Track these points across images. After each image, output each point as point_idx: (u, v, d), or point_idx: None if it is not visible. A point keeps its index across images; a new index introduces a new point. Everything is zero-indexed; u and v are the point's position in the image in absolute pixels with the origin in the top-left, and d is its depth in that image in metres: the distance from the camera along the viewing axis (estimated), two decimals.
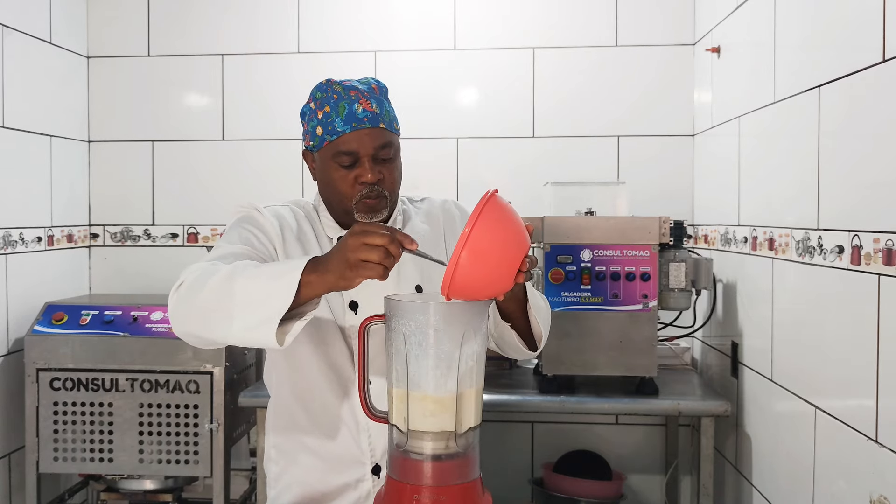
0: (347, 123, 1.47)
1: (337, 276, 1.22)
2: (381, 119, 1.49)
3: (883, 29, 1.49)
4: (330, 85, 1.52)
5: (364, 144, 1.47)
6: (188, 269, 1.37)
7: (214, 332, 1.30)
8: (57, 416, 2.48)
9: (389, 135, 1.51)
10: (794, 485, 1.91)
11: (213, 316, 1.28)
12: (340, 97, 1.49)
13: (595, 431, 2.93)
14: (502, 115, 2.96)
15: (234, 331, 1.26)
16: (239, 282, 1.27)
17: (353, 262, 1.20)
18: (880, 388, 1.50)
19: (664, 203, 2.81)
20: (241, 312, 1.25)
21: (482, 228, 1.17)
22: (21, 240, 2.65)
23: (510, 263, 1.21)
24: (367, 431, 1.53)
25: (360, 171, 1.48)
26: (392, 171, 1.52)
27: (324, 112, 1.49)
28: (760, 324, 2.17)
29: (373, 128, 1.48)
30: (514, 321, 1.48)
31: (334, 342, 1.54)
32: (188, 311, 1.32)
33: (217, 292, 1.27)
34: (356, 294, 1.53)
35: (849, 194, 1.65)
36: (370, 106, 1.48)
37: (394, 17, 2.98)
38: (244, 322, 1.25)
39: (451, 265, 1.17)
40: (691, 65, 2.89)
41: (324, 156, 1.51)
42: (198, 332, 1.34)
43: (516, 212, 1.25)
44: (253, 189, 2.98)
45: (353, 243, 1.20)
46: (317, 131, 1.50)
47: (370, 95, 1.50)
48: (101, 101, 3.07)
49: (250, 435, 2.79)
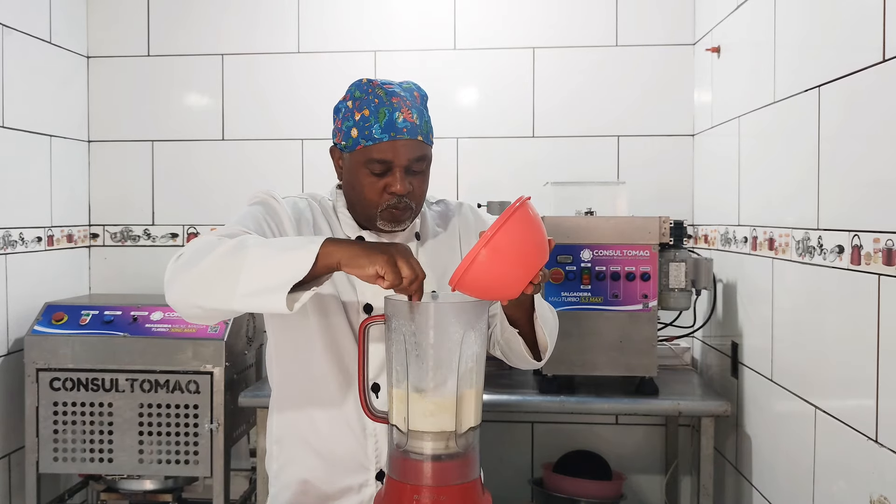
0: (386, 132, 1.43)
1: (352, 255, 1.21)
2: (419, 131, 1.46)
3: (883, 29, 1.49)
4: (371, 87, 1.47)
5: (399, 155, 1.44)
6: (191, 242, 1.34)
7: (213, 296, 1.26)
8: (57, 416, 2.48)
9: (425, 147, 1.48)
10: (794, 485, 1.91)
11: (218, 280, 1.25)
12: (382, 102, 1.45)
13: (595, 431, 2.93)
14: (502, 115, 2.96)
15: (239, 294, 1.23)
16: (251, 249, 1.24)
17: (376, 261, 1.19)
18: (880, 388, 1.50)
19: (664, 203, 2.81)
20: (250, 277, 1.22)
21: (509, 230, 1.17)
22: (21, 240, 2.65)
23: (525, 272, 1.22)
24: (374, 437, 1.52)
25: (390, 180, 1.45)
26: (422, 183, 1.50)
27: (362, 115, 1.45)
28: (760, 324, 2.17)
29: (411, 139, 1.45)
30: (519, 328, 1.47)
31: (347, 345, 1.52)
32: (187, 277, 1.28)
33: (224, 258, 1.25)
34: (372, 297, 1.52)
35: (849, 194, 1.65)
36: (411, 116, 1.45)
37: (394, 17, 2.98)
38: (251, 286, 1.22)
39: (470, 257, 1.17)
40: (691, 65, 2.89)
41: (355, 159, 1.47)
42: (194, 300, 1.29)
43: (542, 223, 1.25)
44: (253, 189, 2.96)
45: (389, 255, 1.20)
46: (351, 132, 1.47)
47: (412, 105, 1.46)
48: (101, 101, 3.08)
49: (250, 435, 2.79)
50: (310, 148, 2.99)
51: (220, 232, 1.39)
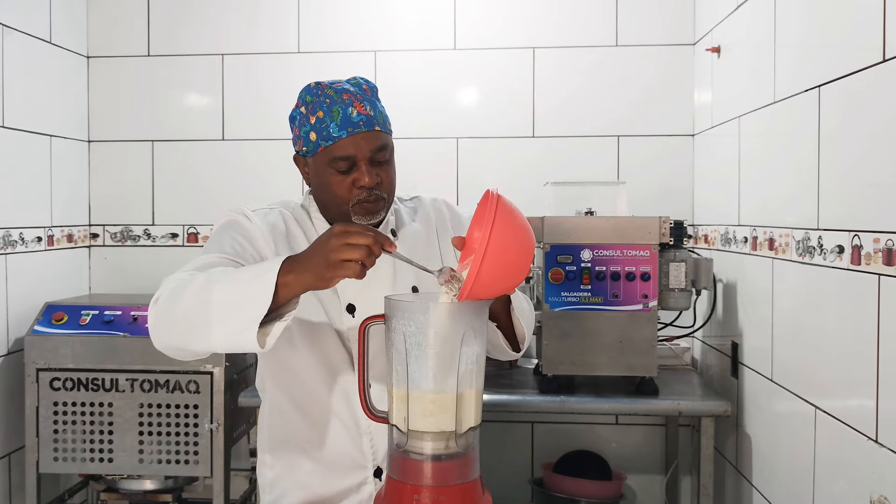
0: (343, 129, 1.45)
1: (315, 277, 1.21)
2: (375, 121, 1.48)
3: (883, 29, 1.49)
4: (320, 88, 1.49)
5: (361, 148, 1.46)
6: (165, 282, 1.35)
7: (196, 342, 1.28)
8: (57, 416, 2.48)
9: (385, 136, 1.50)
10: (794, 485, 1.91)
11: (192, 326, 1.27)
12: (333, 101, 1.46)
13: (595, 431, 2.93)
14: (502, 115, 2.96)
15: (214, 339, 1.25)
16: (215, 289, 1.25)
17: (334, 262, 1.19)
18: (880, 388, 1.50)
19: (664, 203, 2.81)
20: (220, 319, 1.23)
21: (499, 233, 1.16)
22: (21, 240, 2.65)
23: (525, 260, 1.22)
24: (368, 434, 1.52)
25: (357, 175, 1.47)
26: (388, 172, 1.51)
27: (317, 117, 1.47)
28: (760, 324, 2.17)
29: (368, 131, 1.46)
30: (498, 321, 1.47)
31: (332, 346, 1.52)
32: (167, 324, 1.31)
33: (193, 302, 1.26)
34: (354, 297, 1.52)
35: (849, 194, 1.64)
36: (364, 109, 1.46)
37: (394, 17, 2.98)
38: (224, 329, 1.23)
39: (472, 273, 1.15)
40: (691, 65, 2.89)
41: (319, 161, 1.49)
42: (179, 345, 1.32)
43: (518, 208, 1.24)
44: (253, 189, 2.98)
45: (335, 243, 1.19)
46: (310, 137, 1.48)
47: (363, 98, 1.48)
48: (101, 101, 3.07)
49: (250, 435, 2.79)
50: None
51: (191, 265, 1.40)
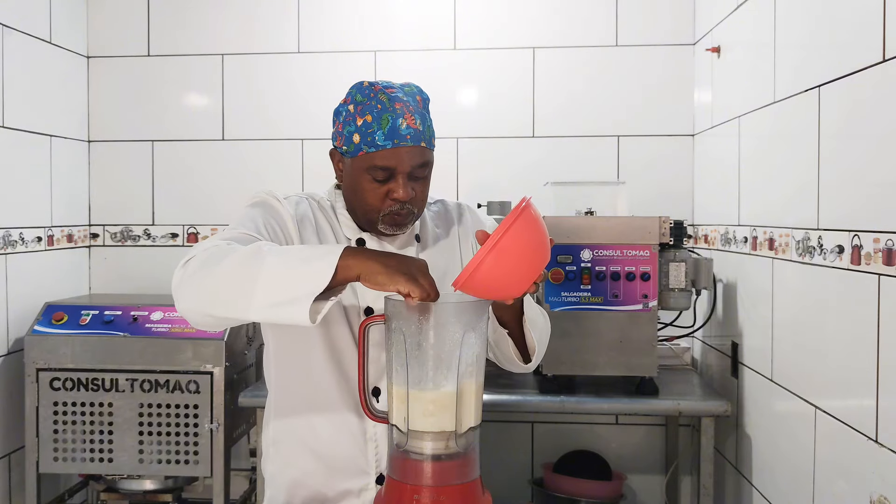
0: (389, 139, 1.41)
1: (383, 266, 1.20)
2: (422, 137, 1.44)
3: (883, 29, 1.49)
4: (374, 91, 1.45)
5: (402, 162, 1.43)
6: (196, 247, 1.32)
7: (229, 307, 1.24)
8: (57, 416, 2.48)
9: (428, 153, 1.47)
10: (794, 485, 1.91)
11: (232, 290, 1.23)
12: (385, 108, 1.42)
13: (595, 431, 2.93)
14: (502, 115, 2.96)
15: (256, 307, 1.21)
16: (268, 259, 1.22)
17: (412, 273, 1.19)
18: (880, 388, 1.50)
19: (664, 203, 2.81)
20: (268, 289, 1.20)
21: (515, 232, 1.17)
22: (21, 240, 2.65)
23: (530, 272, 1.22)
24: (374, 441, 1.52)
25: (393, 186, 1.44)
26: (424, 188, 1.49)
27: (364, 120, 1.43)
28: (760, 324, 2.17)
29: (414, 146, 1.43)
30: (510, 331, 1.47)
31: (347, 349, 1.51)
32: (198, 286, 1.26)
33: (239, 267, 1.23)
34: (373, 300, 1.51)
35: (849, 194, 1.64)
36: (414, 122, 1.43)
37: (394, 17, 2.98)
38: (270, 297, 1.20)
39: (476, 259, 1.17)
40: (691, 65, 2.89)
41: (357, 165, 1.46)
42: (208, 309, 1.27)
43: (544, 223, 1.25)
44: (253, 189, 2.97)
45: (422, 266, 1.22)
46: (353, 138, 1.44)
47: (415, 110, 1.44)
48: (101, 101, 3.08)
49: (250, 435, 2.79)
50: (309, 148, 2.99)
51: (224, 235, 1.37)
